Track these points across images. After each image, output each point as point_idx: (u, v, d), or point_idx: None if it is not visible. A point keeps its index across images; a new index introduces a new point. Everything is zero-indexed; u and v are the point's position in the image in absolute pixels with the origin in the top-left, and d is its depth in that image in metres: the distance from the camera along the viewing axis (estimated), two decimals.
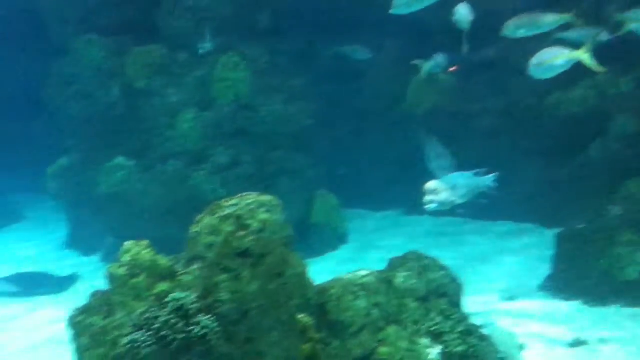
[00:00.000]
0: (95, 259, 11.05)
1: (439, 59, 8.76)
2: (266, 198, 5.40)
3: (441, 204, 6.64)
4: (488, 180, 6.87)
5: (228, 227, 5.04)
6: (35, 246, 12.04)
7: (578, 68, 7.54)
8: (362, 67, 11.14)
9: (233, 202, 5.27)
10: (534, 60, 6.81)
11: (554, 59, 6.71)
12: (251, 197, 5.36)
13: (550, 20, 6.98)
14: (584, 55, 6.66)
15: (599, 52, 8.06)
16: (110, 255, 10.71)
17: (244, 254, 4.97)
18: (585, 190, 7.87)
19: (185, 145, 9.88)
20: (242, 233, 5.03)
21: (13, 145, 14.72)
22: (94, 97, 10.79)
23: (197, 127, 9.87)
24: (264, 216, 5.20)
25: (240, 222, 5.09)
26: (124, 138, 10.44)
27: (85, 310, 4.97)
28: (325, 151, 10.94)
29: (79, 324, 4.90)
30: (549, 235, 8.41)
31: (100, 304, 4.96)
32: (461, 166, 10.54)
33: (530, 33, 7.21)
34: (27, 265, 10.85)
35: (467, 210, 10.08)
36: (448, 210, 6.91)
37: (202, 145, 9.89)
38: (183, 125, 9.90)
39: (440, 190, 6.68)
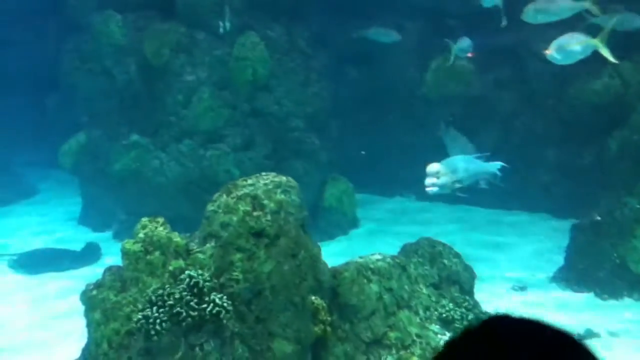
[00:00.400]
0: (107, 235, 11.10)
1: (464, 42, 8.60)
2: (283, 179, 5.40)
3: (442, 186, 6.48)
4: (492, 167, 6.70)
5: (244, 207, 5.04)
6: (48, 221, 12.11)
7: (601, 56, 7.43)
8: (382, 49, 11.03)
9: (250, 181, 5.27)
10: (553, 45, 6.75)
11: (571, 45, 6.66)
12: (268, 178, 5.36)
13: (567, 6, 6.89)
14: (599, 44, 6.59)
15: (627, 40, 7.96)
16: (122, 232, 10.77)
17: (259, 234, 4.98)
18: (602, 182, 7.77)
19: (201, 124, 9.86)
20: (258, 213, 5.03)
21: (27, 120, 14.80)
22: (110, 74, 10.79)
23: (213, 107, 9.84)
24: (280, 197, 5.20)
25: (256, 202, 5.09)
26: (140, 116, 10.45)
27: (98, 286, 5.01)
28: (341, 135, 10.88)
29: (92, 298, 4.95)
30: (563, 225, 8.34)
31: (113, 280, 5.00)
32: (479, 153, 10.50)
33: (550, 19, 7.12)
34: (39, 239, 10.95)
35: (473, 197, 10.09)
36: (460, 197, 6.82)
37: (217, 125, 9.88)
38: (199, 105, 9.88)
39: (442, 173, 6.54)
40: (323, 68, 10.63)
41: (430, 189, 6.45)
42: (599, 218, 7.05)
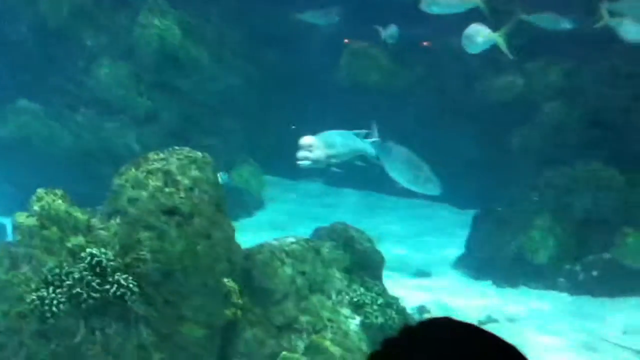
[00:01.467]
0: None
1: (392, 29, 8.55)
2: (198, 155, 5.09)
3: (315, 161, 6.33)
4: (367, 144, 6.66)
5: (155, 182, 4.70)
6: None
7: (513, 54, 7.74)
8: (301, 32, 10.82)
9: (162, 156, 4.92)
10: (464, 33, 7.03)
11: (475, 36, 6.97)
12: (182, 153, 5.04)
13: (458, 1, 7.24)
14: (499, 38, 6.91)
15: (534, 43, 8.37)
16: (3, 205, 9.85)
17: (171, 211, 4.67)
18: (503, 176, 8.13)
19: (100, 93, 9.18)
20: (170, 189, 4.71)
21: None
22: None
23: (115, 75, 9.19)
24: (195, 173, 4.90)
25: (169, 177, 4.76)
26: (30, 79, 9.54)
27: None
28: (253, 117, 10.57)
29: None
30: (464, 215, 8.66)
31: (1, 256, 4.47)
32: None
33: (443, 11, 7.44)
34: None
35: (377, 184, 10.25)
36: (325, 171, 6.63)
37: (118, 95, 9.24)
38: (99, 72, 9.18)
39: (315, 146, 6.37)
40: (237, 46, 10.26)
41: (302, 162, 6.24)
42: (499, 209, 7.37)
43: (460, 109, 9.17)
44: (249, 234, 7.92)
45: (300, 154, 6.06)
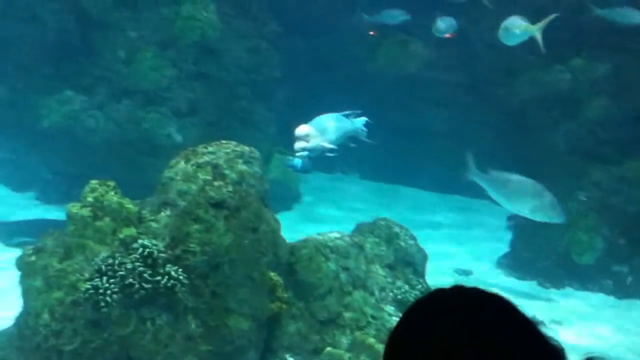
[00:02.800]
0: (30, 195, 10.31)
1: (446, 22, 8.24)
2: (245, 149, 5.12)
3: (312, 149, 6.21)
4: (358, 123, 6.57)
5: (204, 176, 4.74)
6: None
7: (553, 49, 7.56)
8: (332, 22, 10.77)
9: (210, 149, 4.96)
10: (502, 25, 6.98)
11: (512, 28, 6.91)
12: (229, 147, 5.07)
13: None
14: (536, 31, 6.85)
15: (578, 36, 8.17)
16: (47, 194, 10.06)
17: (219, 205, 4.70)
18: (548, 173, 7.96)
19: (143, 84, 9.27)
20: (219, 183, 4.74)
21: None
22: (42, 22, 9.91)
23: (157, 67, 9.27)
24: (242, 167, 4.93)
25: (217, 171, 4.80)
26: (74, 70, 9.67)
27: (38, 251, 4.56)
28: (290, 107, 10.59)
29: (31, 264, 4.50)
30: (508, 214, 8.51)
31: (55, 245, 4.56)
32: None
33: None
34: None
35: (416, 177, 10.16)
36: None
37: (160, 86, 9.32)
38: (142, 63, 9.26)
39: (311, 135, 6.23)
40: (274, 36, 10.26)
41: (300, 154, 6.11)
42: None
43: (501, 104, 9.02)
44: (289, 228, 7.95)
45: (297, 145, 5.95)
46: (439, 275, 7.22)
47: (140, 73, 9.25)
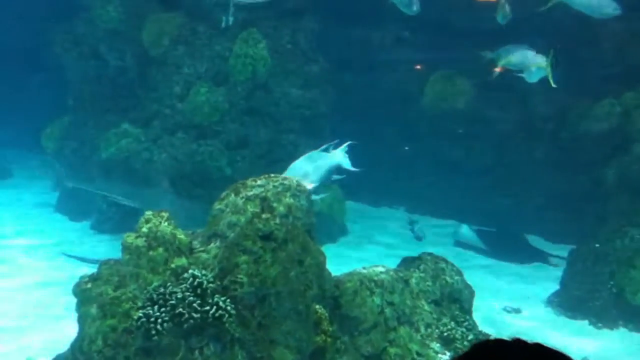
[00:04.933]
0: (84, 224, 10.73)
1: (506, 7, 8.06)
2: (293, 182, 5.23)
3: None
4: (339, 153, 6.31)
5: (253, 208, 4.86)
6: (22, 207, 11.62)
7: (605, 83, 7.47)
8: (382, 59, 10.95)
9: (259, 182, 5.09)
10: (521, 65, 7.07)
11: (531, 65, 6.98)
12: (277, 180, 5.19)
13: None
14: (548, 68, 6.79)
15: (630, 70, 8.04)
16: (102, 223, 10.45)
17: (266, 237, 4.80)
18: (598, 210, 7.79)
19: (196, 118, 9.62)
20: (266, 215, 4.85)
21: (4, 99, 14.29)
22: (103, 59, 10.49)
23: (210, 102, 9.62)
24: (289, 200, 5.03)
25: (265, 204, 4.91)
26: (132, 105, 10.16)
27: (94, 279, 4.76)
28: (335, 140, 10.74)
29: (86, 292, 4.69)
30: (557, 250, 8.32)
31: (110, 274, 4.75)
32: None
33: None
34: (10, 227, 10.44)
35: (464, 214, 10.05)
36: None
37: (212, 121, 9.65)
38: (195, 98, 9.64)
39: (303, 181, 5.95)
40: (323, 72, 10.50)
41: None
42: (597, 245, 7.04)
43: (550, 137, 8.90)
44: (334, 261, 8.00)
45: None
46: (487, 311, 7.09)
47: (194, 108, 9.62)
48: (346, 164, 6.30)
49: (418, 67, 10.88)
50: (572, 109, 8.54)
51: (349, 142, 6.39)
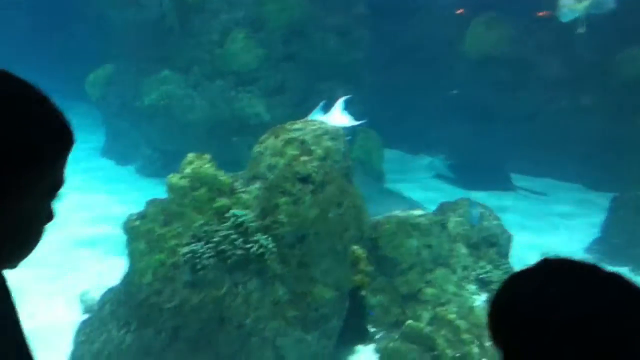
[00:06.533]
0: (130, 168, 11.06)
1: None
2: (330, 126, 5.28)
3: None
4: (336, 114, 5.92)
5: (292, 151, 4.95)
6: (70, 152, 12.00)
7: None
8: (417, 2, 10.69)
9: (298, 126, 5.16)
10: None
11: (562, 6, 7.29)
12: (316, 124, 5.25)
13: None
14: (582, 9, 7.07)
15: None
16: (146, 167, 10.75)
17: (305, 179, 4.90)
18: None
19: (234, 65, 9.66)
20: (305, 158, 4.94)
21: (49, 48, 14.56)
22: (143, 6, 10.53)
23: (248, 48, 9.62)
24: (327, 144, 5.10)
25: (304, 147, 4.99)
26: (172, 52, 10.23)
27: (141, 217, 4.97)
28: (373, 88, 10.67)
29: (135, 229, 4.91)
30: (598, 198, 8.21)
31: (156, 212, 4.95)
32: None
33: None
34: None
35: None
36: None
37: (250, 67, 9.68)
38: (233, 45, 9.65)
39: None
40: (362, 17, 10.33)
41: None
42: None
43: (592, 82, 8.64)
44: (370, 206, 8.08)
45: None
46: (524, 259, 7.11)
47: (232, 55, 9.65)
48: (346, 121, 6.12)
49: (459, 11, 10.59)
50: (620, 54, 8.22)
51: (344, 98, 6.28)
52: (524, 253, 7.18)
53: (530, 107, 9.85)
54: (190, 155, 4.97)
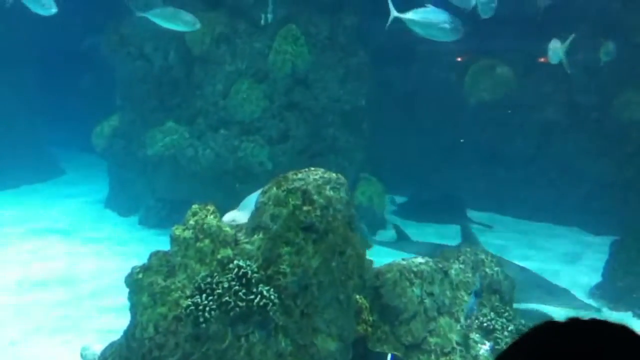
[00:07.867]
0: (133, 219, 11.13)
1: (609, 46, 7.99)
2: (332, 175, 5.35)
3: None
4: None
5: (294, 201, 5.01)
6: (74, 203, 12.14)
7: None
8: (422, 50, 10.95)
9: (300, 176, 5.23)
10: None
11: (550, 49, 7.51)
12: (318, 173, 5.32)
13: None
14: (561, 53, 7.35)
15: None
16: (149, 218, 10.82)
17: (308, 228, 4.95)
18: None
19: (238, 115, 9.86)
20: (307, 208, 5.00)
21: (56, 100, 14.87)
22: (149, 59, 10.82)
23: (251, 98, 9.83)
24: (329, 193, 5.16)
25: (306, 196, 5.06)
26: (176, 103, 10.46)
27: (145, 269, 5.00)
28: (374, 134, 10.83)
29: (138, 282, 4.94)
30: (598, 241, 8.21)
31: (160, 264, 4.99)
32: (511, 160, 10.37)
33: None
34: (64, 222, 10.95)
35: (504, 206, 10.01)
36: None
37: (254, 117, 9.87)
38: (237, 95, 9.87)
39: (237, 219, 5.63)
40: (362, 66, 10.58)
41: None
42: None
43: (594, 126, 8.76)
44: (373, 253, 8.10)
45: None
46: (526, 304, 7.08)
47: (236, 105, 9.85)
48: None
49: (459, 58, 10.84)
50: (617, 97, 8.38)
51: None
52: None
53: (529, 150, 9.97)
54: (195, 207, 5.04)
